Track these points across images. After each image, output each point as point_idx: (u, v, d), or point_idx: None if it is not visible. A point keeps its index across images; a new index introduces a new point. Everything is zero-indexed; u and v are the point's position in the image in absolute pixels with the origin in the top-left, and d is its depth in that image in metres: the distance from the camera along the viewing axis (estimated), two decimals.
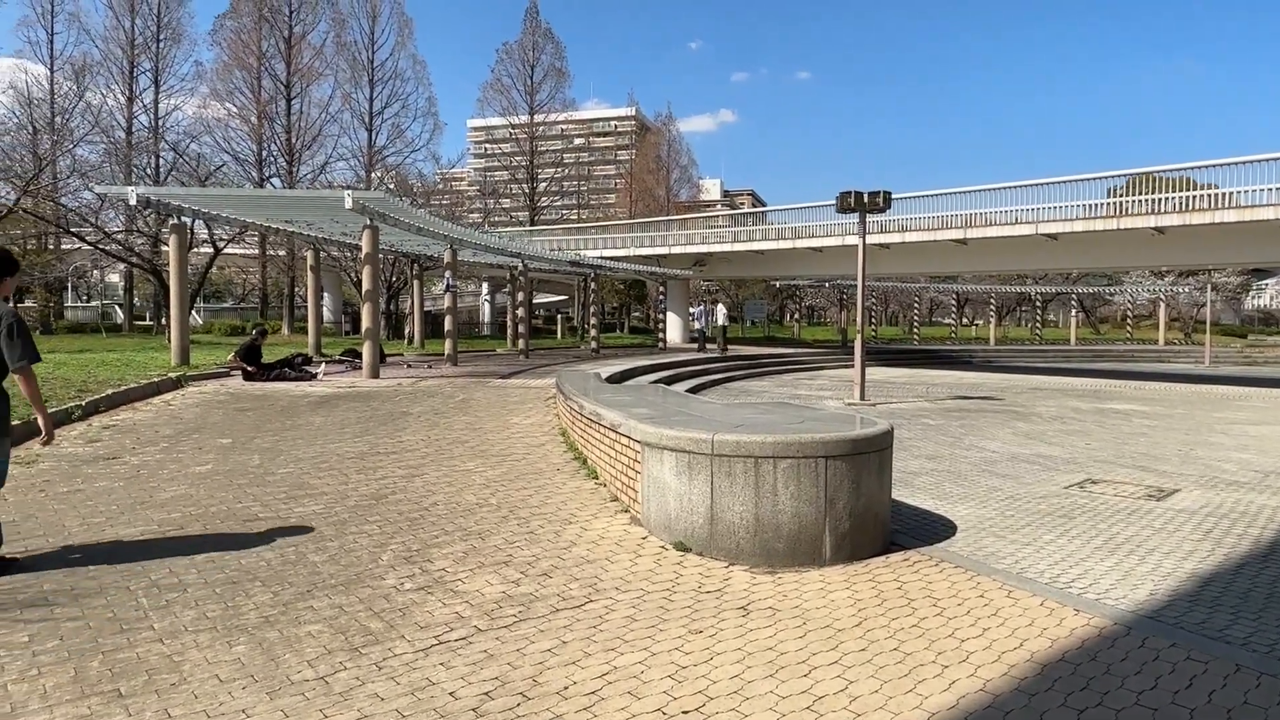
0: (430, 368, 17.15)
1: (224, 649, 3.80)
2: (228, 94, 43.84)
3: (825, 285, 43.39)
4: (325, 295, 35.01)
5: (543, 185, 58.74)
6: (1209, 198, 22.07)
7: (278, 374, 13.93)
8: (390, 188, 41.73)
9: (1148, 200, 22.67)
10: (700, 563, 5.18)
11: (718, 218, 41.35)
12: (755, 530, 5.22)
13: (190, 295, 21.63)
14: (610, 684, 3.49)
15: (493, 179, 65.09)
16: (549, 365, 18.62)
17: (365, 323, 15.76)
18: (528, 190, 57.76)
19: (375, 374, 14.60)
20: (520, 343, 23.64)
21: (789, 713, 3.26)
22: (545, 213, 60.12)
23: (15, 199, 28.88)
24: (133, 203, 15.61)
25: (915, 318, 50.04)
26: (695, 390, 16.36)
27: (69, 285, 52.50)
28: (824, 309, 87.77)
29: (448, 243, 18.91)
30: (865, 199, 16.12)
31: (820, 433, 5.40)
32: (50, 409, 8.92)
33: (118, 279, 50.55)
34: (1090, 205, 23.89)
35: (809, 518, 5.21)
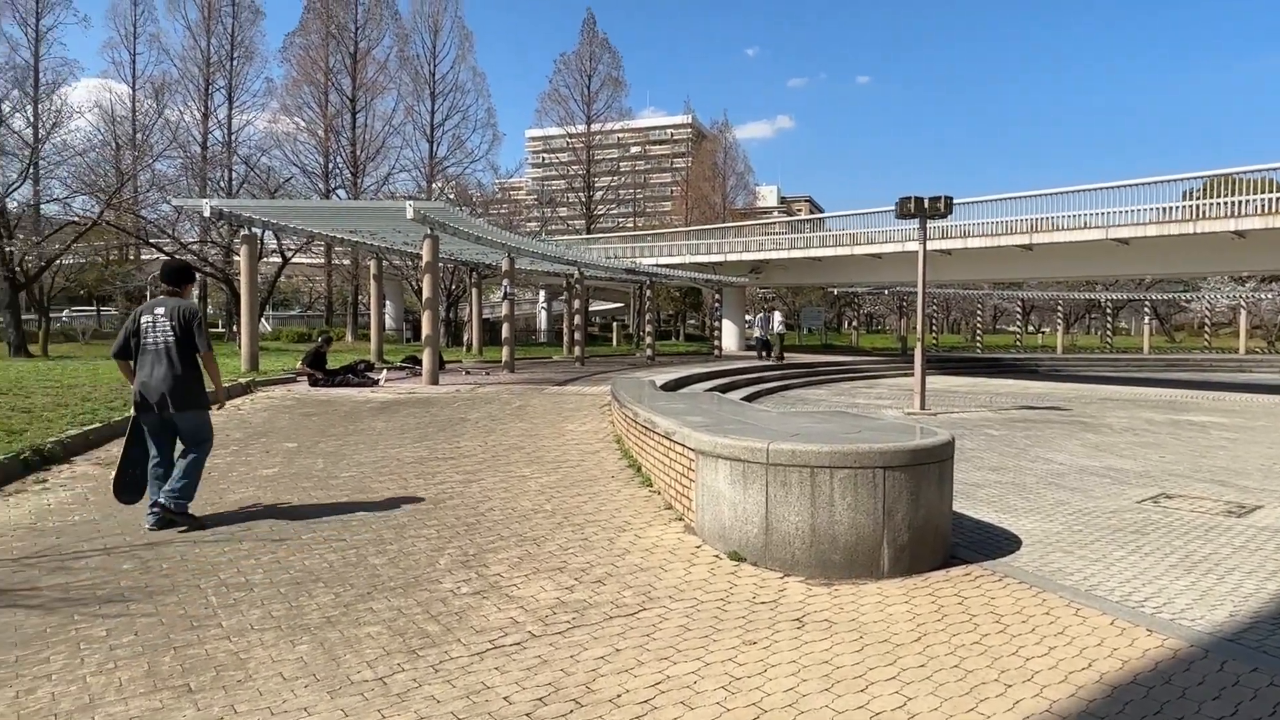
0: (488, 374, 17.40)
1: (287, 648, 3.91)
2: (296, 109, 45.38)
3: (884, 292, 42.67)
4: (387, 303, 35.84)
5: (599, 194, 59.20)
6: None
7: (342, 380, 14.30)
8: (450, 198, 42.54)
9: (1227, 203, 21.73)
10: (755, 573, 5.13)
11: (774, 224, 41.03)
12: (811, 541, 5.15)
13: (260, 303, 22.36)
14: (663, 693, 3.48)
15: (550, 188, 65.90)
16: (604, 372, 18.71)
17: (425, 330, 16.08)
18: (584, 199, 58.27)
19: (435, 380, 14.87)
20: (576, 350, 23.82)
21: None
22: (601, 221, 60.58)
23: (99, 212, 30.28)
24: (207, 214, 16.23)
25: (978, 325, 48.82)
26: (750, 398, 16.24)
27: (148, 294, 54.84)
28: (883, 316, 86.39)
29: (506, 251, 19.18)
30: (926, 205, 15.83)
31: (878, 442, 5.31)
32: (127, 414, 9.33)
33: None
34: (1164, 209, 22.99)
35: (866, 529, 5.12)
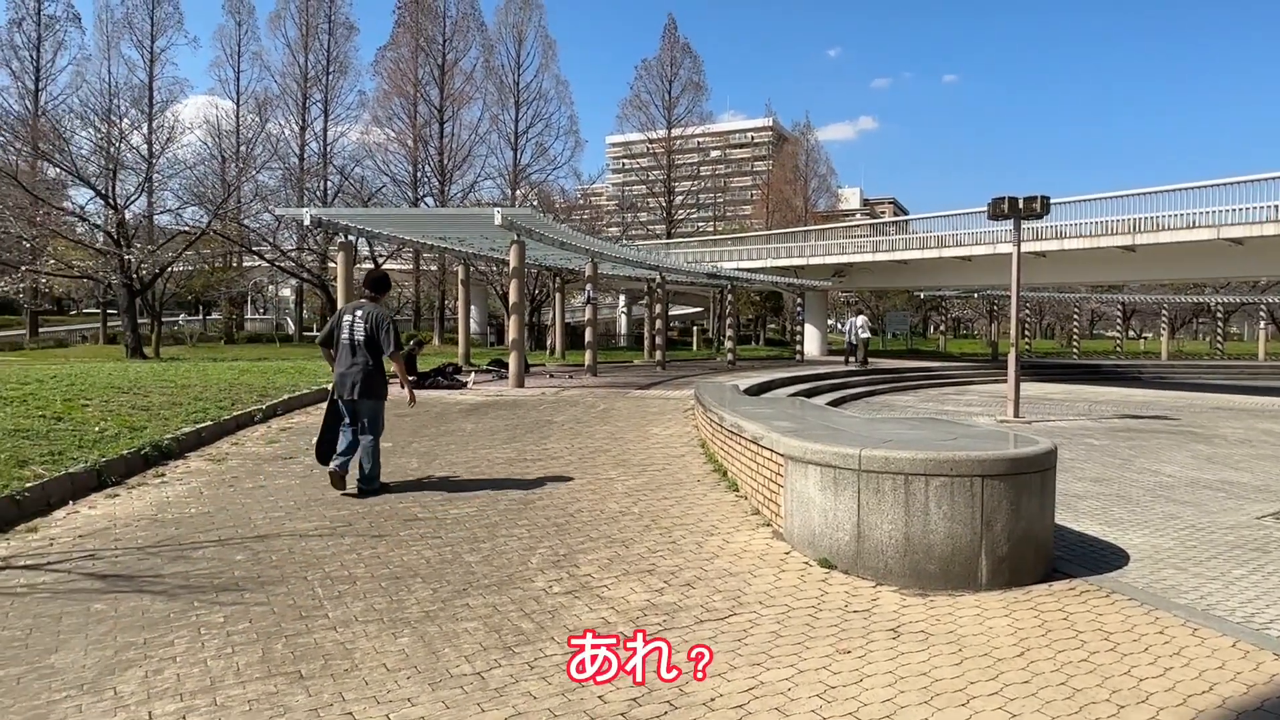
0: (571, 378, 17.63)
1: (390, 639, 4.05)
2: (387, 120, 47.05)
3: (974, 295, 41.34)
4: (472, 307, 36.75)
5: (679, 198, 59.32)
6: None
7: (431, 382, 14.73)
8: (534, 204, 43.34)
9: None
10: (846, 581, 5.05)
11: (858, 227, 40.32)
12: (905, 550, 5.04)
13: None
14: (757, 699, 3.46)
15: (630, 193, 66.35)
16: (686, 377, 18.71)
17: (511, 334, 16.41)
18: (664, 204, 58.46)
19: (520, 383, 15.16)
20: (657, 354, 23.89)
21: None
22: (682, 225, 60.66)
23: (208, 221, 32.02)
24: (306, 223, 16.97)
25: (1074, 330, 46.75)
26: (835, 404, 15.98)
27: (249, 299, 57.70)
28: (971, 321, 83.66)
29: (588, 256, 19.41)
30: (1020, 205, 15.27)
31: (975, 450, 5.15)
32: (235, 413, 9.84)
33: (289, 293, 55.09)
34: None
35: (963, 539, 4.97)
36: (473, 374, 17.02)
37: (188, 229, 32.94)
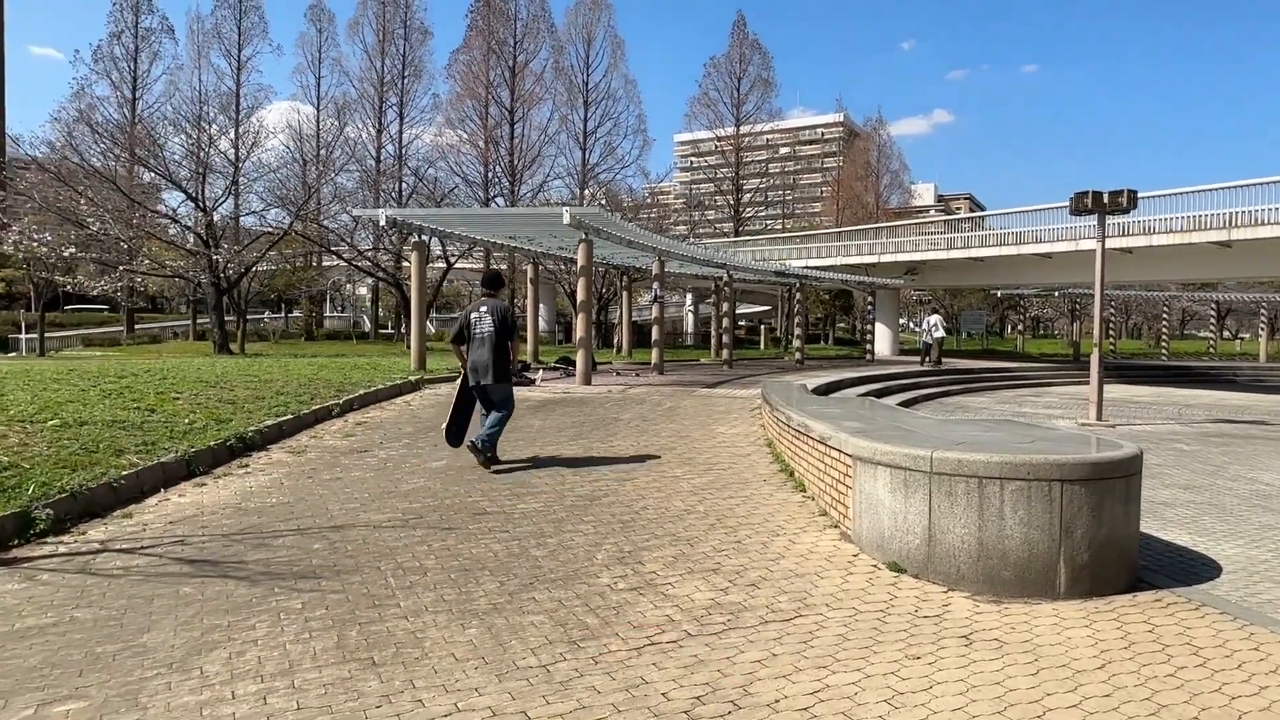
0: (638, 376, 17.69)
1: (458, 630, 4.14)
2: (459, 122, 47.97)
3: (1055, 294, 39.86)
4: (540, 306, 37.23)
5: (747, 196, 58.84)
6: None
7: None
8: (601, 203, 43.62)
9: None
10: (916, 585, 4.93)
11: (931, 224, 39.30)
12: (978, 555, 4.90)
13: (426, 306, 23.77)
14: (823, 702, 3.41)
15: (698, 192, 66.16)
16: (753, 375, 18.56)
17: (579, 332, 16.55)
18: (732, 201, 58.10)
19: (587, 381, 15.28)
20: (724, 353, 23.77)
21: None
22: (750, 223, 60.20)
23: (290, 222, 33.23)
24: (383, 223, 17.47)
25: (1163, 330, 44.64)
26: (907, 405, 15.63)
27: (328, 297, 59.69)
28: (1051, 320, 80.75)
29: (656, 254, 19.43)
30: (1105, 199, 14.66)
31: (1054, 453, 4.97)
32: (313, 407, 10.18)
33: (365, 292, 56.77)
34: None
35: (1041, 545, 4.80)
36: (540, 371, 17.24)
37: (271, 230, 34.26)
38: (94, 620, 4.20)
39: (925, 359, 26.85)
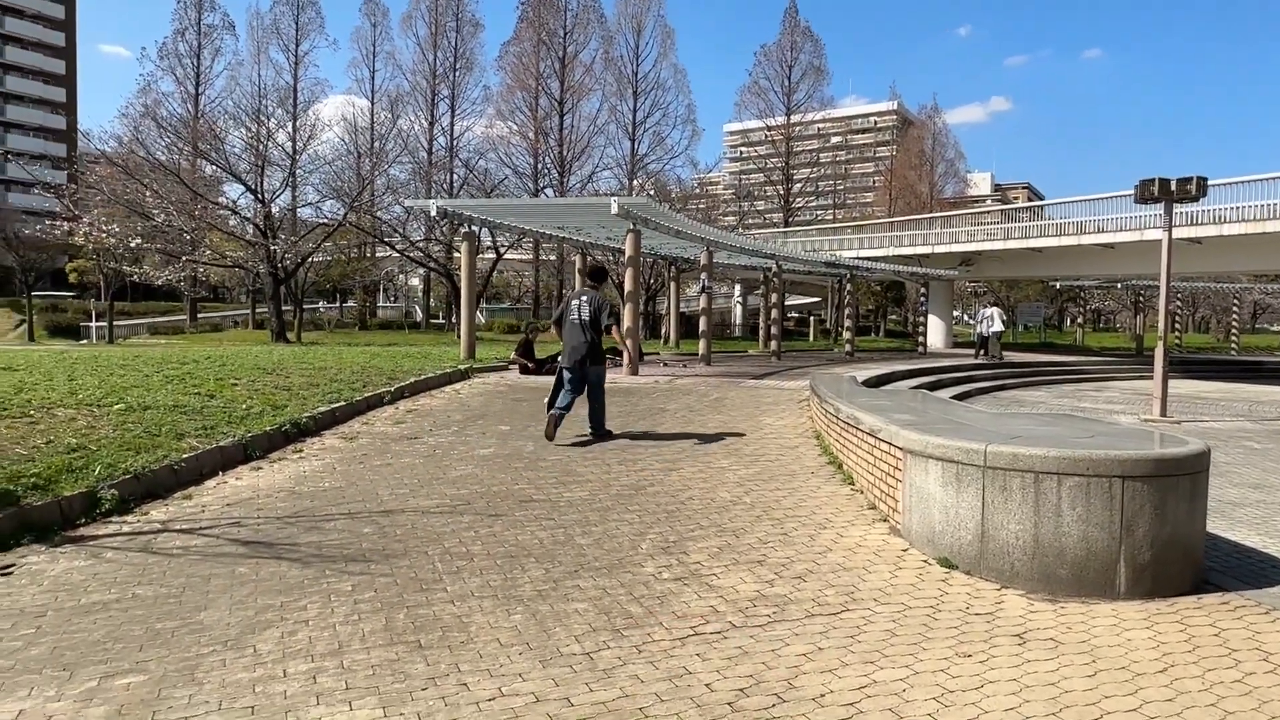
0: (685, 367, 17.63)
1: (503, 615, 4.17)
2: (509, 113, 48.35)
3: (1117, 286, 38.61)
4: None
5: (798, 186, 58.16)
6: None
7: (549, 368, 15.08)
8: (650, 194, 43.54)
9: None
10: (968, 582, 4.82)
11: (986, 214, 38.39)
12: (1033, 552, 4.76)
13: (476, 296, 24.04)
14: (869, 697, 3.35)
15: (747, 182, 65.61)
16: (801, 367, 18.36)
17: (626, 322, 16.55)
18: (782, 192, 57.49)
19: (635, 371, 15.28)
20: (772, 344, 23.56)
21: None
22: (800, 214, 59.50)
23: (344, 214, 33.89)
24: (434, 213, 17.66)
25: (1233, 323, 42.91)
26: (961, 398, 15.29)
27: (381, 287, 60.81)
28: (1113, 313, 78.30)
29: (704, 245, 19.32)
30: (1172, 186, 14.11)
31: (1115, 449, 4.80)
32: (366, 394, 10.38)
33: (417, 282, 57.65)
34: None
35: (1100, 543, 4.65)
36: None
37: (326, 221, 34.98)
38: (154, 597, 4.33)
39: (980, 352, 26.24)
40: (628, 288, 16.23)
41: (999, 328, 25.99)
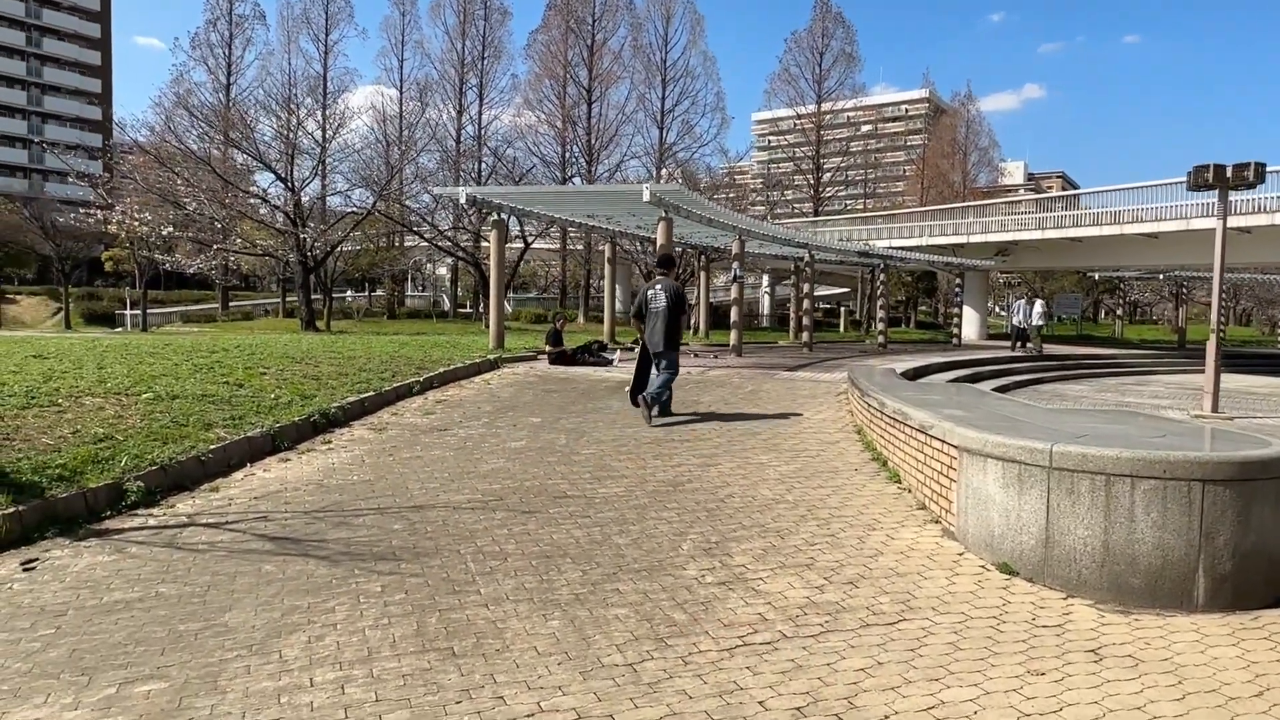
0: (716, 358, 17.33)
1: (540, 621, 3.95)
2: (537, 102, 48.12)
3: (1158, 277, 37.63)
4: (616, 286, 37.16)
5: (828, 175, 57.38)
6: None
7: (578, 359, 14.87)
8: (679, 183, 43.17)
9: None
10: (1031, 590, 4.52)
11: (1021, 203, 37.51)
12: (1103, 560, 4.45)
13: (504, 285, 23.90)
14: None
15: (776, 171, 64.88)
16: (835, 359, 17.99)
17: None
18: (812, 181, 56.76)
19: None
20: (804, 335, 23.17)
21: None
22: (829, 203, 58.72)
23: (372, 202, 33.92)
24: (462, 201, 17.49)
25: (1278, 316, 41.70)
26: (1000, 391, 14.85)
27: (409, 277, 61.04)
28: (1149, 305, 76.63)
29: (736, 233, 18.97)
30: (1228, 174, 13.52)
31: (1194, 450, 4.47)
32: (395, 384, 10.23)
33: (445, 271, 57.76)
34: None
35: (1176, 552, 4.33)
36: (618, 351, 17.06)
37: (355, 210, 35.05)
38: (178, 596, 4.17)
39: (1017, 344, 25.64)
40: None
41: (1039, 322, 25.35)
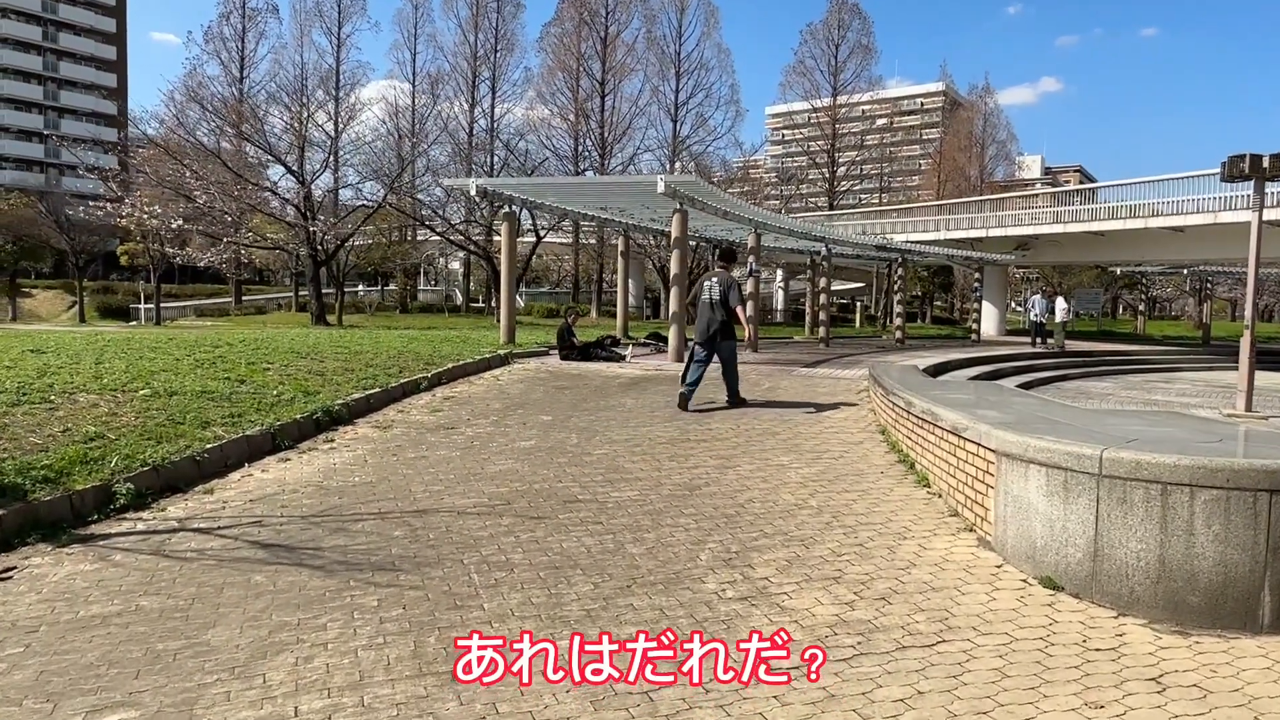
0: None
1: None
2: (550, 95, 47.79)
3: (1182, 272, 36.90)
4: (629, 280, 36.79)
5: (843, 169, 56.76)
6: None
7: (590, 354, 14.56)
8: (693, 175, 42.74)
9: None
10: (1078, 607, 4.18)
11: (1039, 196, 36.89)
12: (1158, 576, 4.10)
13: (516, 279, 23.60)
14: None
15: (790, 165, 64.28)
16: (852, 355, 17.61)
17: (672, 306, 15.93)
18: (827, 175, 56.17)
19: (679, 358, 14.66)
20: (820, 330, 22.79)
21: None
22: (844, 198, 58.14)
23: (383, 195, 33.70)
24: (472, 192, 17.19)
25: None
26: (1024, 388, 14.43)
27: (421, 271, 60.91)
28: (1169, 300, 75.62)
29: (752, 226, 18.59)
30: (1265, 164, 13.02)
31: (1260, 457, 4.11)
32: (402, 380, 9.94)
33: (458, 265, 57.57)
34: None
35: (1240, 569, 3.97)
36: (630, 347, 16.74)
37: (366, 203, 34.85)
38: (159, 611, 3.88)
39: (1037, 340, 25.15)
40: (674, 271, 15.62)
41: (1064, 317, 24.86)
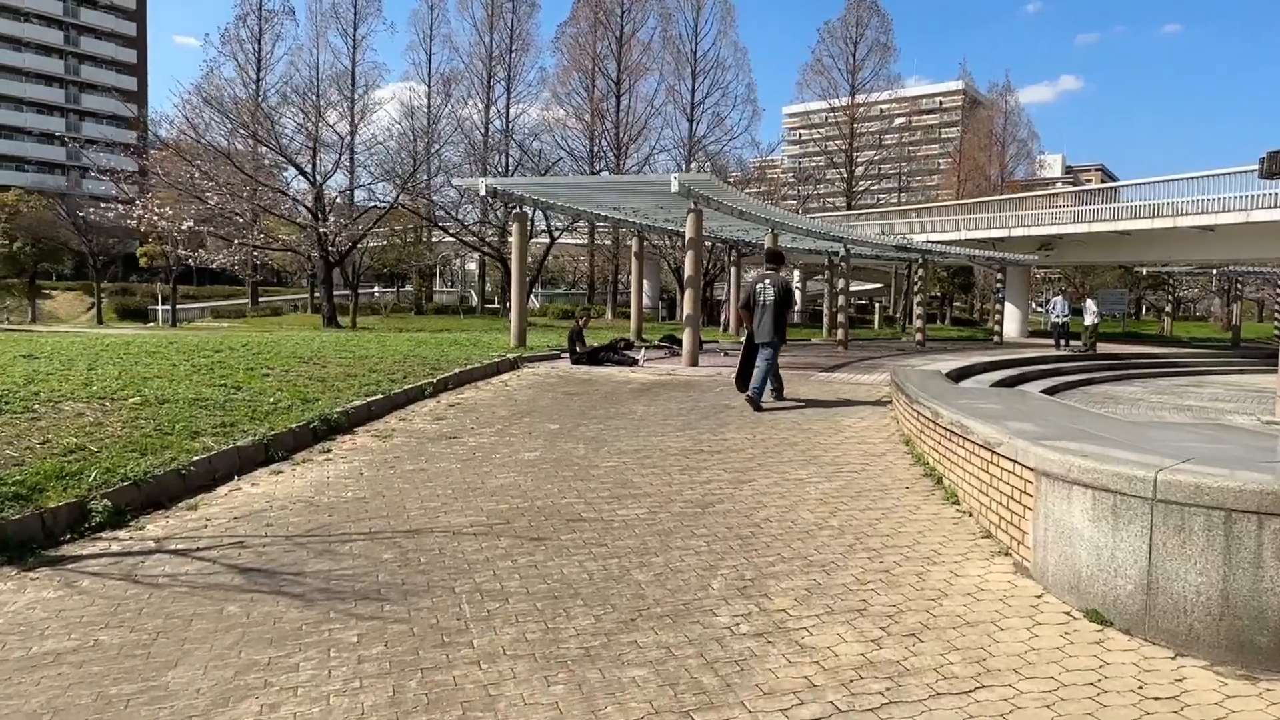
0: None
1: (541, 685, 3.28)
2: (565, 96, 47.52)
3: (1211, 272, 36.08)
4: (644, 281, 36.42)
5: (860, 169, 56.12)
6: None
7: (603, 358, 14.20)
8: (709, 174, 42.32)
9: None
10: (1129, 646, 3.77)
11: (1061, 195, 36.19)
12: (1221, 612, 3.68)
13: (529, 281, 23.31)
14: None
15: (807, 165, 63.69)
16: (872, 358, 17.15)
17: (686, 309, 15.56)
18: (845, 175, 55.55)
19: (694, 362, 14.30)
20: (839, 333, 22.34)
21: None
22: (862, 198, 57.50)
23: (396, 195, 33.52)
24: (483, 192, 16.89)
25: None
26: (1049, 393, 13.93)
27: (437, 272, 60.84)
28: (1194, 301, 74.35)
29: (768, 226, 18.20)
30: None
31: None
32: (405, 386, 9.64)
33: (473, 267, 57.41)
34: None
35: None
36: (644, 350, 16.38)
37: (379, 204, 34.71)
38: (119, 647, 3.55)
39: (1060, 342, 24.56)
40: (688, 272, 15.25)
41: (1093, 319, 24.30)
